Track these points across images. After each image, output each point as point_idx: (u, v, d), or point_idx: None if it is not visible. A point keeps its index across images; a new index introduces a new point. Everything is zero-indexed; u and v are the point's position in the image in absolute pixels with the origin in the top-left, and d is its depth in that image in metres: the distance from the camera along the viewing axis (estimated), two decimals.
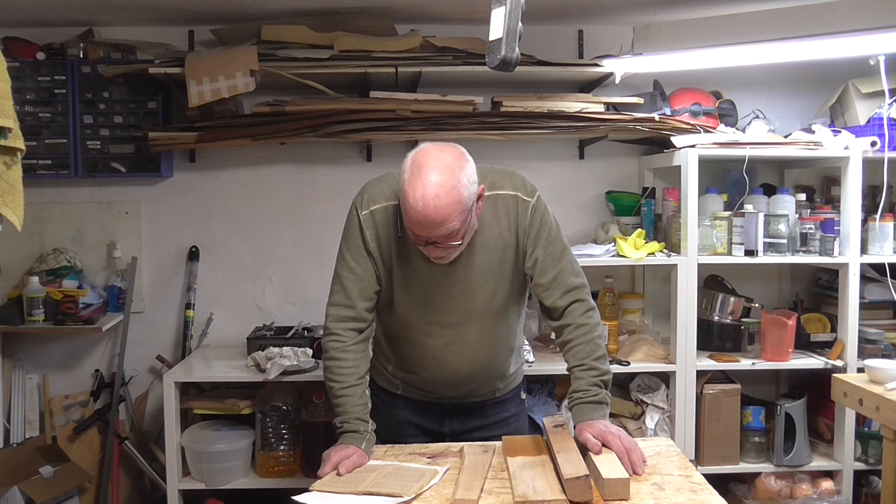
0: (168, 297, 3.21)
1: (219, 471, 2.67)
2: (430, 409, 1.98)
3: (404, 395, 1.99)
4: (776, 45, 2.42)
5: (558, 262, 1.80)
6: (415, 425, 1.98)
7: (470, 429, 1.98)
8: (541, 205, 1.81)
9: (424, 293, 1.81)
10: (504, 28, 1.54)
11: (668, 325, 2.95)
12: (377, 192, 1.81)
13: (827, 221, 2.83)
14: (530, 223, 1.79)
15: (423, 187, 1.57)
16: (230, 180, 3.19)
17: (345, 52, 2.78)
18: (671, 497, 1.48)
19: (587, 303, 1.82)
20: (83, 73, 2.93)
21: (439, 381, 1.92)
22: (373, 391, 2.01)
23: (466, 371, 1.89)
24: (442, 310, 1.81)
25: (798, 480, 2.83)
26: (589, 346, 1.77)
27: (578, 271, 1.84)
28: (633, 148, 3.28)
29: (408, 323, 1.86)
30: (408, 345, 1.90)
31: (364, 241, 1.79)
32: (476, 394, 1.97)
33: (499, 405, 2.01)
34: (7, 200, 1.40)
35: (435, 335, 1.85)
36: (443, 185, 1.58)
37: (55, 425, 3.03)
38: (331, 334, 1.81)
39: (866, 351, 2.84)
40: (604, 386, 1.75)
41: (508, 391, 2.03)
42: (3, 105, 1.37)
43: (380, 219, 1.79)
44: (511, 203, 1.79)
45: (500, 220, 1.79)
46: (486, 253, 1.79)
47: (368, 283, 1.81)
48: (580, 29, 3.20)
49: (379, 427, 1.97)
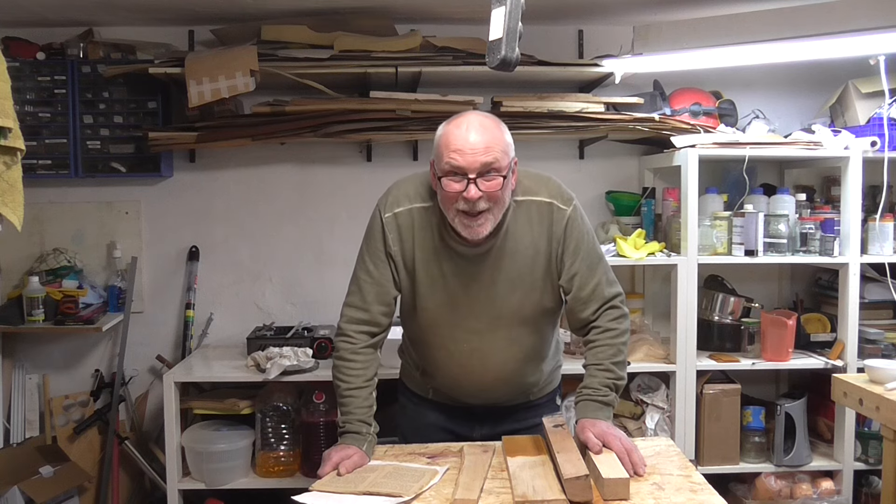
0: (168, 297, 3.21)
1: (219, 471, 2.68)
2: (460, 413, 1.93)
3: (434, 400, 1.95)
4: (776, 45, 2.42)
5: (594, 273, 1.76)
6: (444, 429, 1.93)
7: (500, 433, 1.88)
8: (577, 214, 1.76)
9: (449, 297, 1.77)
10: (504, 28, 1.54)
11: (668, 325, 2.95)
12: (402, 194, 1.78)
13: (827, 221, 2.83)
14: (566, 234, 1.74)
15: (468, 120, 1.65)
16: (230, 180, 3.20)
17: (345, 52, 2.78)
18: (671, 497, 1.48)
19: (620, 309, 1.79)
20: (83, 73, 2.93)
21: (465, 387, 1.87)
22: (404, 394, 2.00)
23: (492, 379, 1.85)
24: (467, 315, 1.78)
25: (798, 480, 2.83)
26: (612, 349, 1.75)
27: (613, 280, 1.80)
28: (633, 148, 3.28)
29: (432, 328, 1.82)
30: (433, 350, 1.86)
31: (385, 244, 1.76)
32: (505, 400, 1.92)
33: (532, 410, 1.94)
34: (7, 200, 1.40)
35: (459, 341, 1.80)
36: (486, 120, 1.67)
37: (55, 425, 3.03)
38: (343, 335, 1.79)
39: (866, 351, 2.85)
40: (615, 390, 1.74)
41: (543, 395, 1.97)
42: (3, 105, 1.37)
43: (403, 221, 1.76)
44: (545, 211, 1.75)
45: (533, 227, 1.75)
46: (516, 260, 1.75)
47: (386, 287, 1.78)
48: (580, 29, 3.20)
49: (407, 430, 1.94)
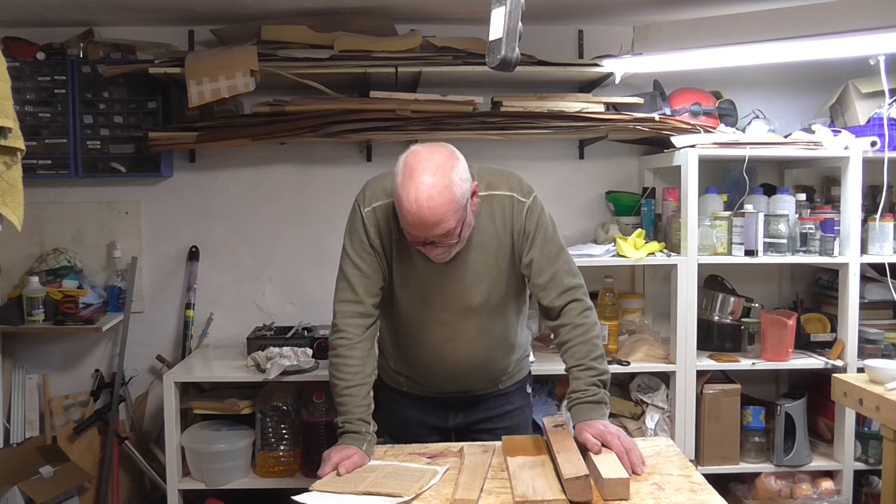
0: (168, 297, 3.21)
1: (219, 471, 2.68)
2: (434, 404, 2.00)
3: (409, 392, 2.01)
4: (776, 45, 2.42)
5: (554, 262, 1.81)
6: (420, 422, 2.00)
7: (474, 422, 2.00)
8: (536, 205, 1.82)
9: (422, 290, 1.83)
10: (504, 28, 1.54)
11: (668, 325, 2.95)
12: (378, 188, 1.83)
13: (827, 221, 2.83)
14: (525, 224, 1.80)
15: (416, 189, 1.58)
16: (230, 180, 3.20)
17: (345, 52, 2.78)
18: (671, 497, 1.48)
19: (584, 302, 1.82)
20: (83, 73, 2.93)
21: (439, 375, 1.93)
22: (379, 389, 2.02)
23: (464, 366, 1.91)
24: (439, 307, 1.84)
25: (798, 480, 2.83)
26: (587, 346, 1.78)
27: (575, 271, 1.85)
28: (633, 148, 3.28)
29: (407, 319, 1.88)
30: (408, 340, 1.92)
31: (368, 237, 1.81)
32: (477, 388, 1.98)
33: (503, 398, 2.02)
34: (7, 200, 1.40)
35: (433, 331, 1.87)
36: (435, 185, 1.59)
37: (55, 425, 3.03)
38: (338, 331, 1.82)
39: (866, 351, 2.84)
40: (602, 385, 1.75)
41: (512, 384, 2.04)
42: (3, 105, 1.37)
43: (381, 215, 1.81)
44: (507, 203, 1.81)
45: (495, 219, 1.80)
46: (482, 252, 1.81)
47: (373, 278, 1.83)
48: (580, 29, 3.20)
49: (386, 424, 1.99)
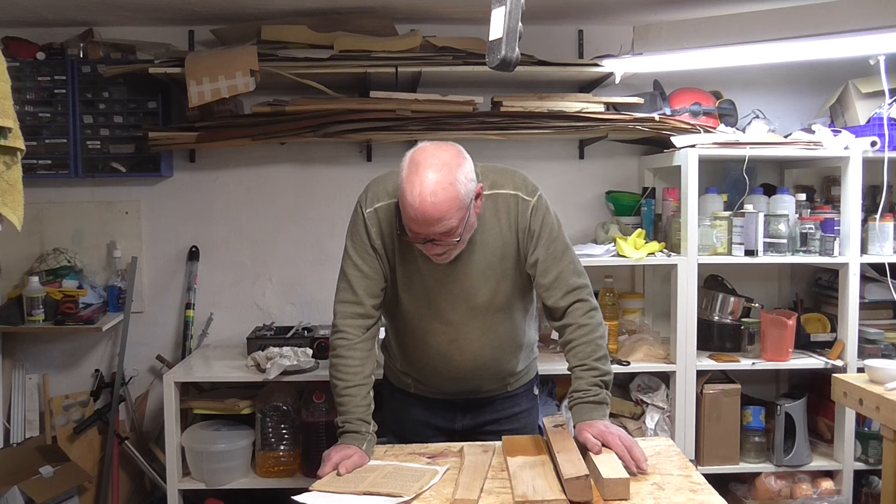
0: (168, 297, 3.21)
1: (219, 471, 2.67)
2: (441, 406, 1.98)
3: (416, 394, 1.99)
4: (776, 45, 2.42)
5: (559, 262, 1.80)
6: (427, 424, 1.98)
7: (481, 423, 1.98)
8: (542, 204, 1.81)
9: (426, 291, 1.82)
10: (504, 28, 1.54)
11: (668, 325, 2.95)
12: (381, 189, 1.82)
13: (827, 221, 2.83)
14: (530, 223, 1.79)
15: (421, 184, 1.58)
16: (230, 180, 3.19)
17: (345, 52, 2.78)
18: (671, 497, 1.48)
19: (589, 303, 1.82)
20: (83, 73, 2.93)
21: (445, 377, 1.92)
22: (386, 390, 2.03)
23: (470, 367, 1.90)
24: (444, 307, 1.83)
25: (798, 480, 2.83)
26: (590, 346, 1.77)
27: (581, 271, 1.84)
28: (633, 148, 3.28)
29: (412, 320, 1.87)
30: (413, 342, 1.91)
31: (369, 238, 1.81)
32: (484, 390, 1.97)
33: (510, 400, 2.01)
34: (7, 200, 1.40)
35: (438, 332, 1.86)
36: (440, 182, 1.59)
37: (55, 425, 3.03)
38: (339, 331, 1.82)
39: (866, 351, 2.84)
40: (604, 386, 1.75)
41: (520, 386, 2.03)
42: (3, 105, 1.37)
43: (383, 216, 1.80)
44: (511, 202, 1.80)
45: (500, 219, 1.80)
46: (486, 251, 1.80)
47: (374, 280, 1.82)
48: (580, 29, 3.20)
49: (392, 425, 1.98)
